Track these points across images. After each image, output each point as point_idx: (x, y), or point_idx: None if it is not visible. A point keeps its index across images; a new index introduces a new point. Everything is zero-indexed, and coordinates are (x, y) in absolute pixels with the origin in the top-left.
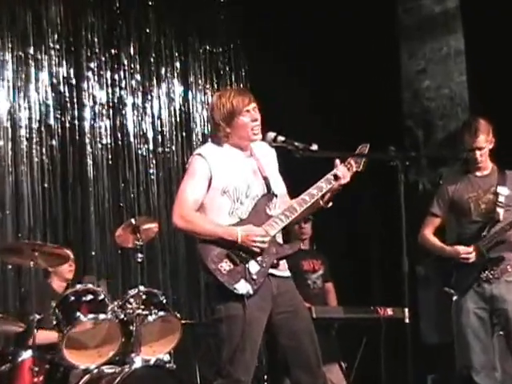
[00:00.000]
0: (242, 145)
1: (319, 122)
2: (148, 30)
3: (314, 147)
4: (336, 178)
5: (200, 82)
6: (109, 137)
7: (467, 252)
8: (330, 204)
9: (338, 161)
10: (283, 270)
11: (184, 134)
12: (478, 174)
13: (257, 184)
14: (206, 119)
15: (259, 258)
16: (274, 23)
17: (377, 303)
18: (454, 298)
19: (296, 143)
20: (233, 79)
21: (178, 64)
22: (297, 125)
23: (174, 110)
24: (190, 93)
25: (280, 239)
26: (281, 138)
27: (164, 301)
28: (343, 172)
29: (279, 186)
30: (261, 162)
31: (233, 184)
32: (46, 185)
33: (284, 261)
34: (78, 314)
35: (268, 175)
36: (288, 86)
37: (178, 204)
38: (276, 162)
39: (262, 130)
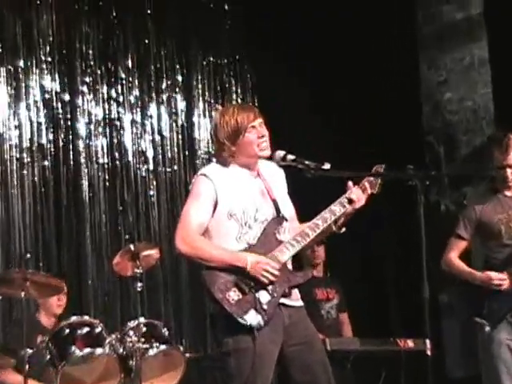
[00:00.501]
0: (249, 164)
1: (330, 138)
2: (147, 41)
3: (327, 166)
4: (350, 201)
5: (204, 96)
6: (105, 156)
7: (500, 278)
8: (344, 229)
9: (350, 183)
10: (295, 299)
11: (187, 152)
12: (508, 193)
13: (266, 207)
14: (210, 136)
15: (270, 287)
16: (278, 28)
17: (396, 334)
18: (486, 328)
19: (307, 162)
20: (239, 92)
21: (179, 77)
22: (308, 143)
23: (176, 127)
24: (193, 108)
25: (290, 266)
26: (290, 157)
27: (166, 333)
28: (358, 195)
29: (288, 208)
30: (268, 183)
31: (240, 207)
32: (38, 208)
33: (296, 289)
34: (73, 348)
35: (276, 197)
36: (295, 95)
37: (182, 227)
38: (285, 182)
39: (271, 146)
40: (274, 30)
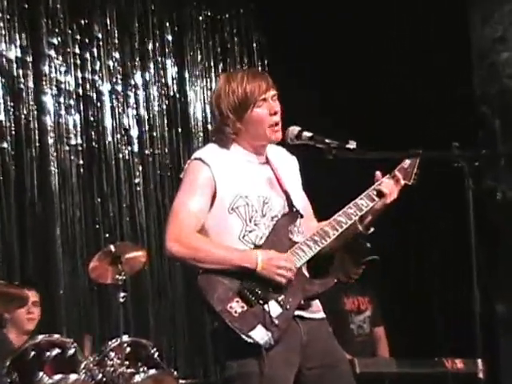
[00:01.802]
0: (256, 147)
1: (353, 113)
2: None
3: (352, 145)
4: (380, 194)
5: (200, 60)
6: (79, 136)
7: None
8: (372, 229)
9: (379, 173)
10: (315, 310)
11: (180, 130)
12: None
13: (276, 199)
14: (208, 111)
15: (281, 297)
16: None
17: (441, 353)
18: None
19: (327, 140)
20: (244, 56)
21: (169, 37)
22: (324, 120)
23: (166, 99)
24: (186, 75)
25: (306, 272)
26: (307, 134)
27: (155, 354)
28: (389, 187)
29: (303, 204)
30: (279, 172)
31: (244, 199)
32: None
33: (316, 300)
34: (41, 374)
35: (289, 189)
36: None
37: (174, 223)
38: (299, 174)
39: (282, 128)
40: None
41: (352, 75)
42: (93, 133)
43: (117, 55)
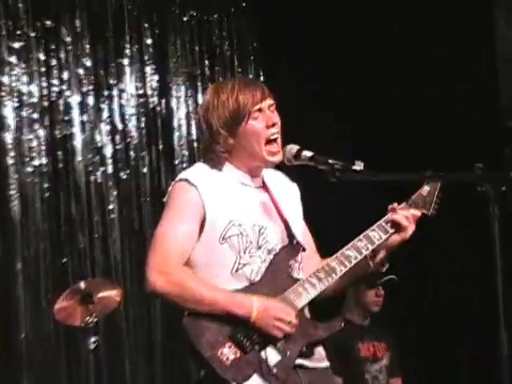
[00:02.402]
0: (251, 168)
1: (364, 129)
2: None
3: (359, 166)
4: (395, 226)
5: (184, 66)
6: (44, 155)
7: None
8: (387, 266)
9: (395, 205)
10: (319, 358)
11: (161, 147)
12: None
13: (273, 230)
14: (194, 125)
15: (280, 343)
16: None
17: None
18: None
19: (330, 160)
20: (235, 61)
21: (149, 40)
22: (325, 137)
23: (146, 111)
24: (169, 84)
25: (308, 313)
26: (307, 154)
27: None
28: (405, 217)
29: (305, 237)
30: (277, 198)
31: (237, 227)
32: None
33: (320, 346)
34: None
35: (288, 218)
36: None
37: (157, 254)
38: (300, 203)
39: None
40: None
41: (354, 70)
42: (60, 152)
43: (87, 62)
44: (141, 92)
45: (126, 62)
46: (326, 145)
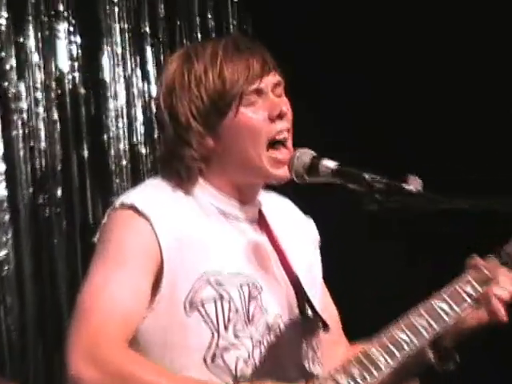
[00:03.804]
0: (241, 187)
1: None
2: None
3: (414, 185)
4: (480, 297)
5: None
6: None
7: None
8: (455, 361)
9: (479, 261)
10: None
11: (86, 153)
12: None
13: (274, 292)
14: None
15: None
16: None
17: None
18: None
19: (368, 176)
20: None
21: None
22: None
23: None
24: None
25: None
26: (329, 165)
27: None
28: (501, 279)
29: (326, 307)
30: (282, 243)
31: (215, 286)
32: None
33: None
34: None
35: (301, 274)
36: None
37: (86, 326)
38: (318, 252)
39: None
40: None
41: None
42: None
43: None
44: (65, 67)
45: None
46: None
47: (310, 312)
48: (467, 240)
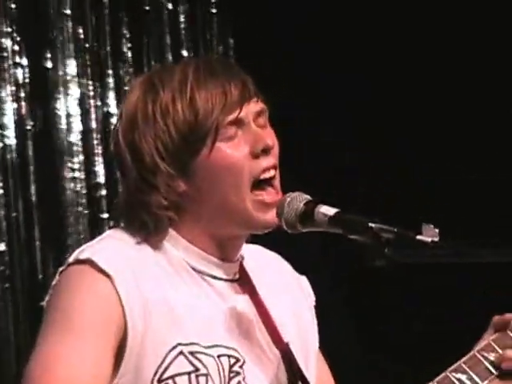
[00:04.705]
0: (219, 238)
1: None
2: None
3: (430, 235)
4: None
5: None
6: None
7: None
8: None
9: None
10: None
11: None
12: None
13: (260, 367)
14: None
15: None
16: None
17: None
18: None
19: (374, 225)
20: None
21: None
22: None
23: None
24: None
25: None
26: (326, 212)
27: None
28: None
29: (321, 376)
30: (269, 306)
31: (189, 358)
32: None
33: None
34: None
35: (294, 347)
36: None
37: None
38: (314, 318)
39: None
40: None
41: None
42: None
43: None
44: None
45: None
46: None
47: None
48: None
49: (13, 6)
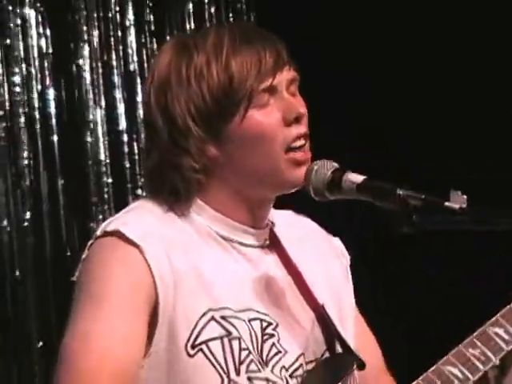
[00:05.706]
0: (251, 205)
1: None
2: None
3: (458, 201)
4: None
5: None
6: None
7: None
8: None
9: None
10: None
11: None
12: None
13: (294, 329)
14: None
15: None
16: None
17: None
18: None
19: (402, 191)
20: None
21: None
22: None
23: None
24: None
25: None
26: (353, 179)
27: None
28: None
29: (362, 341)
30: (303, 270)
31: (221, 323)
32: None
33: None
34: None
35: (329, 309)
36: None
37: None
38: (350, 279)
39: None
40: None
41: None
42: None
43: None
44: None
45: None
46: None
47: (340, 348)
48: None
49: None
